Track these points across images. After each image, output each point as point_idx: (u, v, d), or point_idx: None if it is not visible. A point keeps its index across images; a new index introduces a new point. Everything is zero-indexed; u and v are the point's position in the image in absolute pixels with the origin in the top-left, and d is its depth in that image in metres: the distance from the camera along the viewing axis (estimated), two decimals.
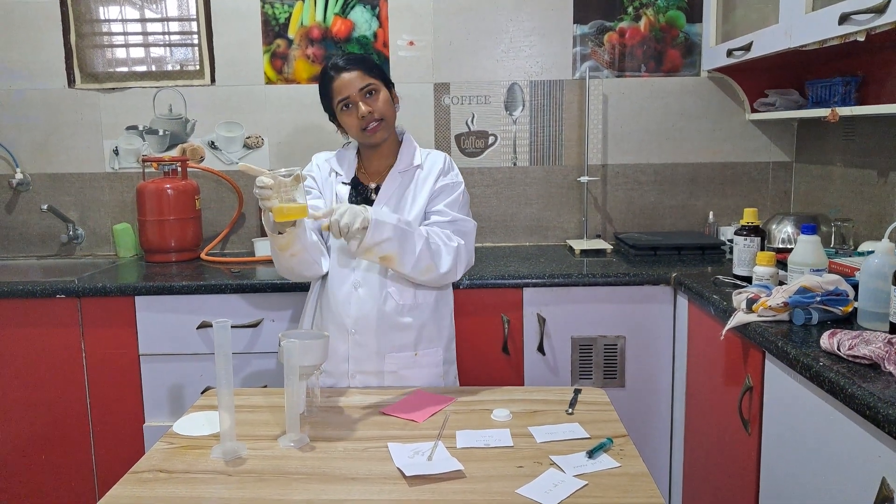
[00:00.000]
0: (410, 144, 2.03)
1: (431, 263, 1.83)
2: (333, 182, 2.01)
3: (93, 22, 3.01)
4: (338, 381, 1.95)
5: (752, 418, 1.78)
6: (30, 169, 3.08)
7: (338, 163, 2.03)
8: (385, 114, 1.92)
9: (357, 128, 1.91)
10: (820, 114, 2.26)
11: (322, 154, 2.09)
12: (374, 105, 1.90)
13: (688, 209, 3.08)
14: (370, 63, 1.95)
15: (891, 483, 1.20)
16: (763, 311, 1.72)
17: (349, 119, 1.91)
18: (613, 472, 1.37)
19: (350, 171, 2.01)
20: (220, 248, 3.10)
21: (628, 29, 2.97)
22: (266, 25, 2.98)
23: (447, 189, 1.98)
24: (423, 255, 1.80)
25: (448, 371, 2.05)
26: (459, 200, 1.98)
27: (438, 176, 1.99)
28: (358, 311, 1.92)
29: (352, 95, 1.89)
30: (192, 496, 1.31)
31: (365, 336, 1.92)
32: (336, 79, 1.90)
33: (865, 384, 1.28)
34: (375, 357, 1.93)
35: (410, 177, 1.98)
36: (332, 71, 1.91)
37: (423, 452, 1.45)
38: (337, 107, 1.93)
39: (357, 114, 1.89)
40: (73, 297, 2.41)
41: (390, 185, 1.96)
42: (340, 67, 1.90)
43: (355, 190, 1.99)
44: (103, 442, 2.49)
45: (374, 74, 1.93)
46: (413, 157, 2.00)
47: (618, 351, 2.44)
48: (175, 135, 3.07)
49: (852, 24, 1.82)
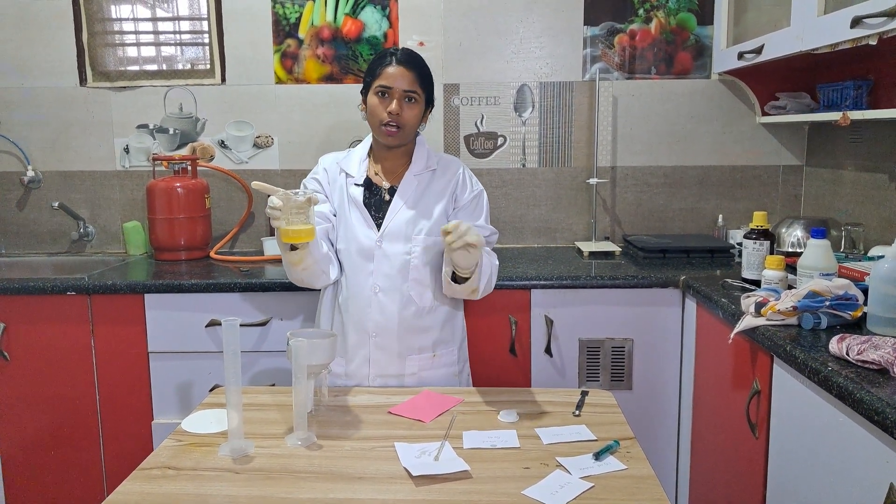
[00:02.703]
0: (423, 147, 2.04)
1: (491, 288, 1.95)
2: (344, 183, 2.00)
3: (105, 21, 3.02)
4: (360, 383, 1.97)
5: (759, 422, 1.78)
6: (41, 166, 3.10)
7: (348, 164, 2.03)
8: (408, 124, 1.92)
9: (378, 120, 1.91)
10: (831, 117, 2.25)
11: (329, 156, 2.09)
12: (405, 112, 1.90)
13: (697, 212, 3.07)
14: (427, 75, 1.96)
15: None
16: (772, 314, 1.71)
17: (377, 106, 1.91)
18: (620, 474, 1.37)
19: (362, 172, 2.00)
20: (230, 247, 3.11)
21: (639, 31, 2.96)
22: (276, 25, 2.99)
23: (476, 202, 2.01)
24: (491, 281, 1.92)
25: (462, 369, 2.08)
26: (488, 210, 2.06)
27: (456, 184, 2.00)
28: (379, 315, 1.93)
29: (394, 89, 1.89)
30: (199, 493, 1.31)
31: (386, 339, 1.94)
32: (392, 65, 1.89)
33: (874, 389, 1.27)
34: (397, 360, 1.95)
35: (426, 180, 1.99)
36: (394, 58, 1.91)
37: (430, 452, 1.45)
38: (374, 88, 1.91)
39: (386, 108, 1.89)
40: (84, 294, 2.42)
41: (407, 188, 1.96)
42: (402, 60, 1.90)
43: (368, 191, 1.99)
44: (112, 438, 2.50)
45: (424, 88, 1.95)
46: (427, 160, 2.01)
47: (625, 353, 2.44)
48: (185, 134, 3.08)
49: (864, 27, 1.81)
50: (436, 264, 1.96)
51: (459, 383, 2.06)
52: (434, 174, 2.00)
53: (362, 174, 2.00)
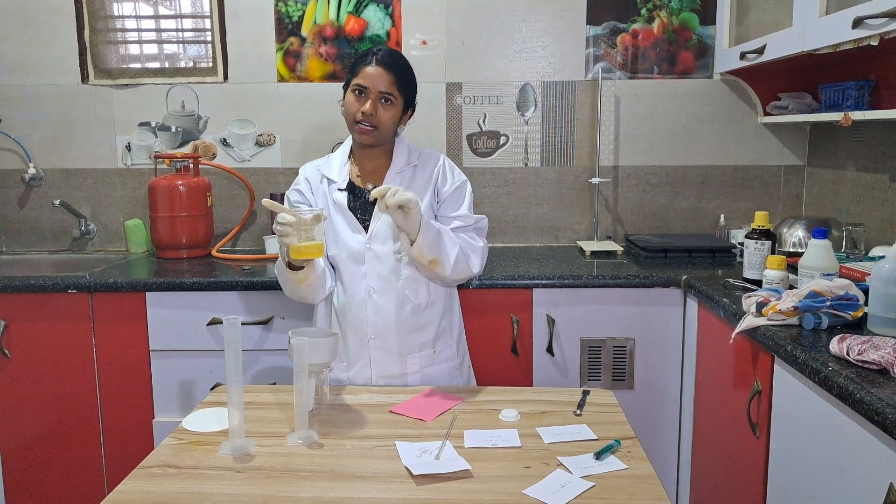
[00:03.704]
0: (403, 144, 2.03)
1: (467, 266, 1.92)
2: (327, 190, 1.99)
3: (107, 18, 3.02)
4: (365, 384, 1.97)
5: (760, 422, 1.78)
6: (42, 164, 3.11)
7: (329, 169, 2.02)
8: (383, 126, 1.90)
9: (352, 117, 1.90)
10: (832, 118, 2.25)
11: (309, 164, 2.08)
12: (380, 113, 1.89)
13: (699, 212, 3.07)
14: (407, 78, 1.94)
15: None
16: (773, 314, 1.71)
17: (353, 104, 1.90)
18: (620, 473, 1.37)
19: (343, 176, 1.99)
20: (231, 246, 3.11)
21: (641, 30, 2.96)
22: (279, 23, 2.99)
23: (458, 192, 2.00)
24: (460, 257, 1.88)
25: (462, 362, 2.08)
26: (471, 200, 2.02)
27: (437, 178, 2.00)
28: (376, 317, 1.93)
29: (370, 89, 1.88)
30: (200, 492, 1.32)
31: (386, 340, 1.94)
32: (371, 65, 1.88)
33: (874, 389, 1.27)
34: (398, 359, 1.95)
35: (408, 177, 1.99)
36: (374, 58, 1.89)
37: (431, 451, 1.45)
38: (352, 85, 1.91)
39: (360, 107, 1.88)
40: (85, 292, 2.42)
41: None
42: (382, 61, 1.89)
43: (352, 194, 1.98)
44: (113, 437, 2.51)
45: (401, 91, 1.92)
46: (407, 156, 2.00)
47: (627, 353, 2.44)
48: (187, 131, 3.08)
49: (866, 28, 1.81)
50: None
51: (461, 376, 2.06)
52: (415, 170, 2.00)
53: (344, 178, 1.99)
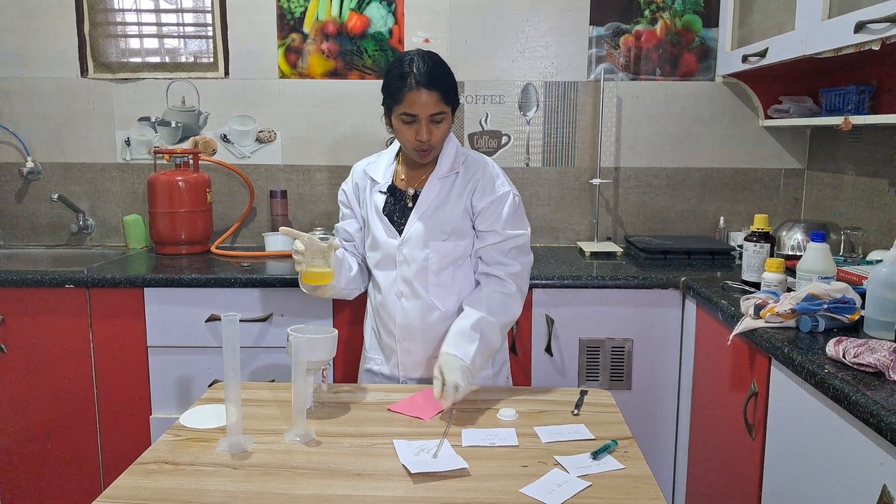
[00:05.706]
0: (452, 145, 1.95)
1: (511, 321, 1.93)
2: (370, 191, 1.99)
3: (107, 11, 3.02)
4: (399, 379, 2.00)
5: (756, 423, 1.78)
6: (41, 158, 3.10)
7: (375, 169, 2.00)
8: (438, 142, 1.86)
9: (408, 144, 1.85)
10: (833, 122, 2.26)
11: (361, 163, 2.06)
12: (436, 133, 1.82)
13: (699, 214, 3.07)
14: (450, 86, 1.83)
15: (891, 490, 1.20)
16: (770, 317, 1.71)
17: (406, 133, 1.83)
18: (617, 473, 1.37)
19: (388, 178, 1.98)
20: (231, 242, 3.11)
21: (644, 32, 2.96)
22: (281, 19, 2.99)
23: (494, 206, 1.90)
24: (504, 328, 1.91)
25: (500, 371, 2.05)
26: (512, 212, 1.91)
27: (475, 189, 1.91)
28: (403, 320, 1.94)
29: (420, 116, 1.79)
30: (197, 488, 1.31)
31: (411, 344, 1.95)
32: (414, 90, 1.77)
33: (869, 392, 1.28)
34: (424, 364, 1.96)
35: (449, 183, 1.93)
36: (413, 81, 1.77)
37: (429, 450, 1.45)
38: (398, 113, 1.82)
39: (415, 134, 1.81)
40: (82, 287, 2.42)
41: (429, 192, 1.92)
42: (424, 83, 1.77)
43: (393, 197, 1.97)
44: (110, 433, 2.51)
45: (449, 100, 1.83)
46: (452, 161, 1.93)
47: (625, 353, 2.44)
48: (187, 127, 3.08)
49: (868, 32, 1.82)
50: (460, 267, 1.94)
51: (495, 385, 2.01)
52: (457, 177, 1.94)
53: (387, 180, 1.97)
